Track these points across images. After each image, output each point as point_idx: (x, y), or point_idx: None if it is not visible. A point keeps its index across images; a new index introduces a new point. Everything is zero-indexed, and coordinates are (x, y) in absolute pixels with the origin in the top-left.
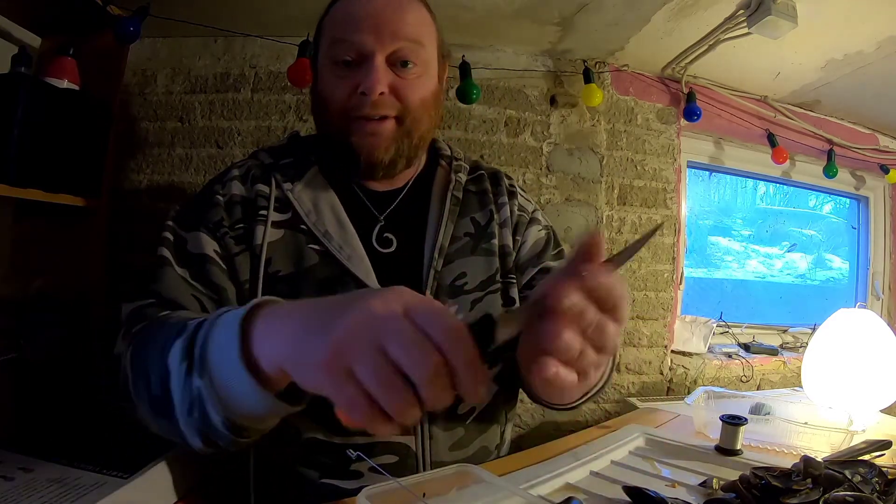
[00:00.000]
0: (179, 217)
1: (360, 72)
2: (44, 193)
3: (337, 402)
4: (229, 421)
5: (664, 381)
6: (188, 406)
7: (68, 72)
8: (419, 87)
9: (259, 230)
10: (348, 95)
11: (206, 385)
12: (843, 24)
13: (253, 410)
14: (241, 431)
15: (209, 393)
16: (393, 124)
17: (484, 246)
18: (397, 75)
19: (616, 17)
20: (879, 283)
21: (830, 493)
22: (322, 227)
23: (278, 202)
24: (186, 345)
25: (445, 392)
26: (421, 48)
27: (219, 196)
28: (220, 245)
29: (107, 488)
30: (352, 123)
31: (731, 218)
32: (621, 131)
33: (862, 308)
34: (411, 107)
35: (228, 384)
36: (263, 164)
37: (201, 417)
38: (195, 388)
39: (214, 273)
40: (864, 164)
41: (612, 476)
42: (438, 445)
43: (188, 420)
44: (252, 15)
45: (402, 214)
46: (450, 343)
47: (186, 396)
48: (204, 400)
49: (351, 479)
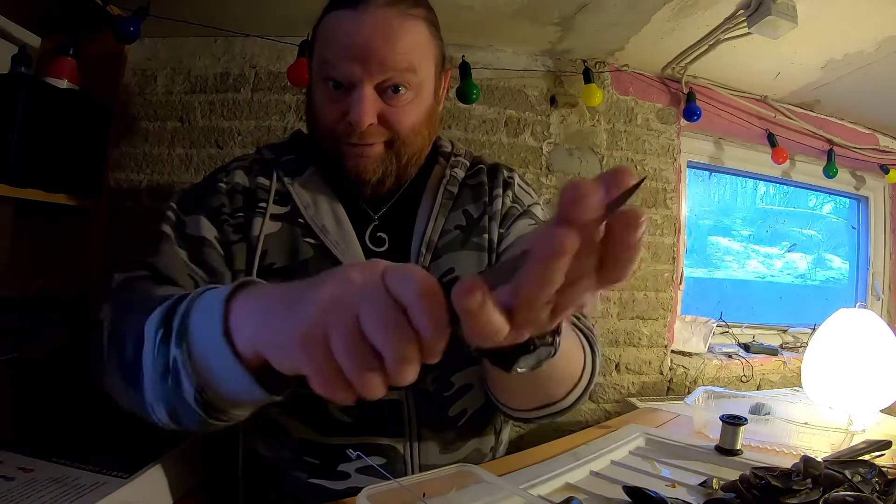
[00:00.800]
0: (181, 200)
1: (349, 98)
2: (44, 193)
3: (308, 373)
4: (202, 396)
5: (664, 381)
6: (161, 373)
7: (68, 72)
8: (410, 113)
9: (257, 222)
10: (337, 120)
11: (182, 354)
12: (843, 24)
13: (229, 388)
14: (211, 410)
15: (185, 362)
16: (381, 147)
17: (475, 240)
18: (387, 103)
19: (616, 17)
20: (879, 283)
21: (830, 493)
22: (320, 221)
23: (278, 195)
24: (165, 313)
25: (413, 365)
26: (412, 74)
27: (221, 184)
28: (219, 231)
29: (107, 488)
30: (340, 146)
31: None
32: (621, 131)
33: (862, 308)
34: (401, 133)
35: (207, 357)
36: (265, 159)
37: (174, 387)
38: (172, 356)
39: (212, 256)
40: (864, 164)
41: (612, 476)
42: (428, 448)
43: (159, 387)
44: (252, 15)
45: (395, 214)
46: (419, 305)
47: (160, 363)
48: (179, 369)
49: (338, 479)
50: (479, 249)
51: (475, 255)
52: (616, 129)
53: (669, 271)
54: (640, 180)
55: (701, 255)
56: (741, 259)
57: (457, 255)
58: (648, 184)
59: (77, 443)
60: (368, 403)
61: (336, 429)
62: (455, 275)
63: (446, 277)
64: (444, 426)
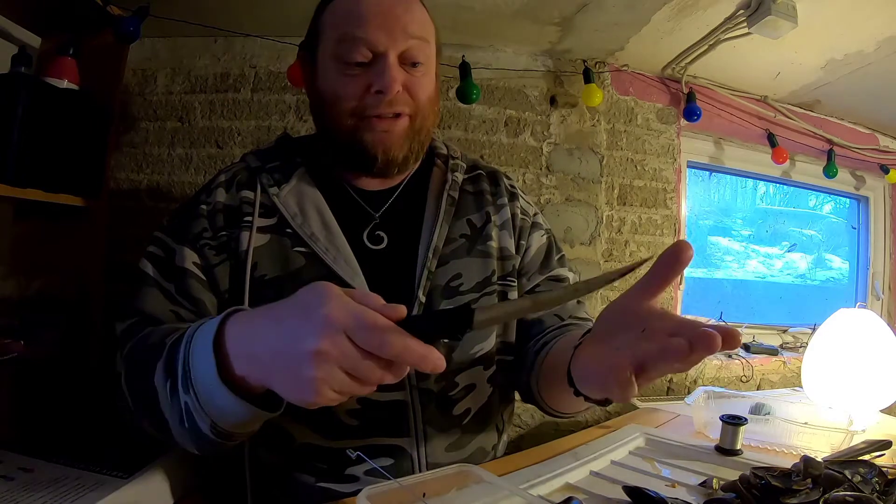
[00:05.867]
0: (167, 230)
1: (373, 71)
2: (44, 193)
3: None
4: (217, 429)
5: (664, 380)
6: (178, 418)
7: (68, 72)
8: (426, 85)
9: (244, 236)
10: (361, 94)
11: (192, 399)
12: (843, 24)
13: (237, 420)
14: (228, 436)
15: (195, 406)
16: (406, 121)
17: (480, 248)
18: (408, 73)
19: (616, 17)
20: (879, 283)
21: (830, 493)
22: (308, 229)
23: (263, 208)
24: (166, 363)
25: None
26: (427, 45)
27: (203, 206)
28: (200, 257)
29: (107, 488)
30: (364, 122)
31: (731, 218)
32: (621, 131)
33: (862, 308)
34: (421, 104)
35: (211, 399)
36: (250, 168)
37: (192, 427)
38: (183, 402)
39: (193, 287)
40: (864, 164)
41: (612, 476)
42: (434, 447)
43: (180, 430)
44: (252, 15)
45: (397, 213)
46: (379, 347)
47: (176, 410)
48: (192, 412)
49: (347, 482)
50: (484, 256)
51: (480, 262)
52: (616, 129)
53: None
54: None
55: (701, 255)
56: (741, 259)
57: (463, 261)
58: (649, 184)
59: (77, 443)
60: (374, 405)
61: (343, 432)
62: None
63: (455, 282)
64: (450, 425)
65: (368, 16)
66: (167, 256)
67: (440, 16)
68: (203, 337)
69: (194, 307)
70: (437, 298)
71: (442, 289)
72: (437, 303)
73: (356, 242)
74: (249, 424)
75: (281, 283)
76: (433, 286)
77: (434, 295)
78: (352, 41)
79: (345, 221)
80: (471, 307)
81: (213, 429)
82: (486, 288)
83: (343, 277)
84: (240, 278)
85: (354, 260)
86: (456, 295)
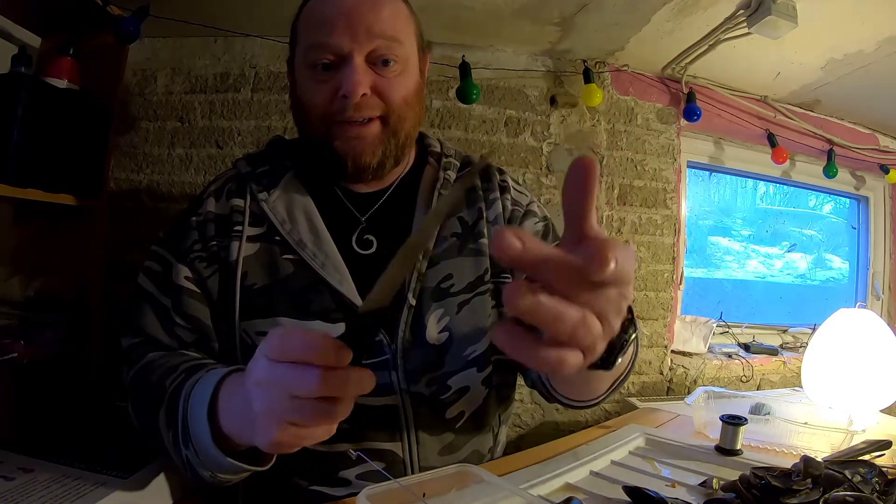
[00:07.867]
0: (163, 243)
1: (340, 74)
2: (44, 193)
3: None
4: (216, 478)
5: (664, 381)
6: (182, 465)
7: (68, 72)
8: (401, 85)
9: (234, 245)
10: (329, 100)
11: (193, 455)
12: (843, 24)
13: (234, 473)
14: (229, 481)
15: (196, 462)
16: (378, 126)
17: (471, 246)
18: (378, 74)
19: (616, 17)
20: (879, 283)
21: (830, 493)
22: (297, 235)
23: (253, 216)
24: (168, 413)
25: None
26: (399, 45)
27: (193, 218)
28: (191, 270)
29: (107, 488)
30: (334, 128)
31: (731, 218)
32: (621, 131)
33: (862, 308)
34: (394, 106)
35: (209, 458)
36: (240, 175)
37: (194, 474)
38: (184, 455)
39: (188, 304)
40: (864, 164)
41: (612, 476)
42: (426, 450)
43: (184, 472)
44: (252, 15)
45: (386, 215)
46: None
47: (179, 458)
48: (194, 465)
49: (339, 486)
50: (476, 255)
51: (472, 261)
52: (616, 129)
53: (669, 271)
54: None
55: (701, 255)
56: (741, 259)
57: (454, 261)
58: (649, 184)
59: (77, 443)
60: (365, 409)
61: (335, 436)
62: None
63: (446, 283)
64: (442, 428)
65: (332, 19)
66: (164, 271)
67: (440, 16)
68: (199, 399)
69: (190, 325)
70: (427, 301)
71: (432, 291)
72: (427, 306)
73: (345, 247)
74: (248, 472)
75: (270, 292)
76: (423, 288)
77: (424, 297)
78: (318, 47)
79: (334, 226)
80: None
81: (213, 477)
82: (478, 287)
83: (331, 283)
84: (230, 288)
85: (343, 265)
86: (447, 296)
